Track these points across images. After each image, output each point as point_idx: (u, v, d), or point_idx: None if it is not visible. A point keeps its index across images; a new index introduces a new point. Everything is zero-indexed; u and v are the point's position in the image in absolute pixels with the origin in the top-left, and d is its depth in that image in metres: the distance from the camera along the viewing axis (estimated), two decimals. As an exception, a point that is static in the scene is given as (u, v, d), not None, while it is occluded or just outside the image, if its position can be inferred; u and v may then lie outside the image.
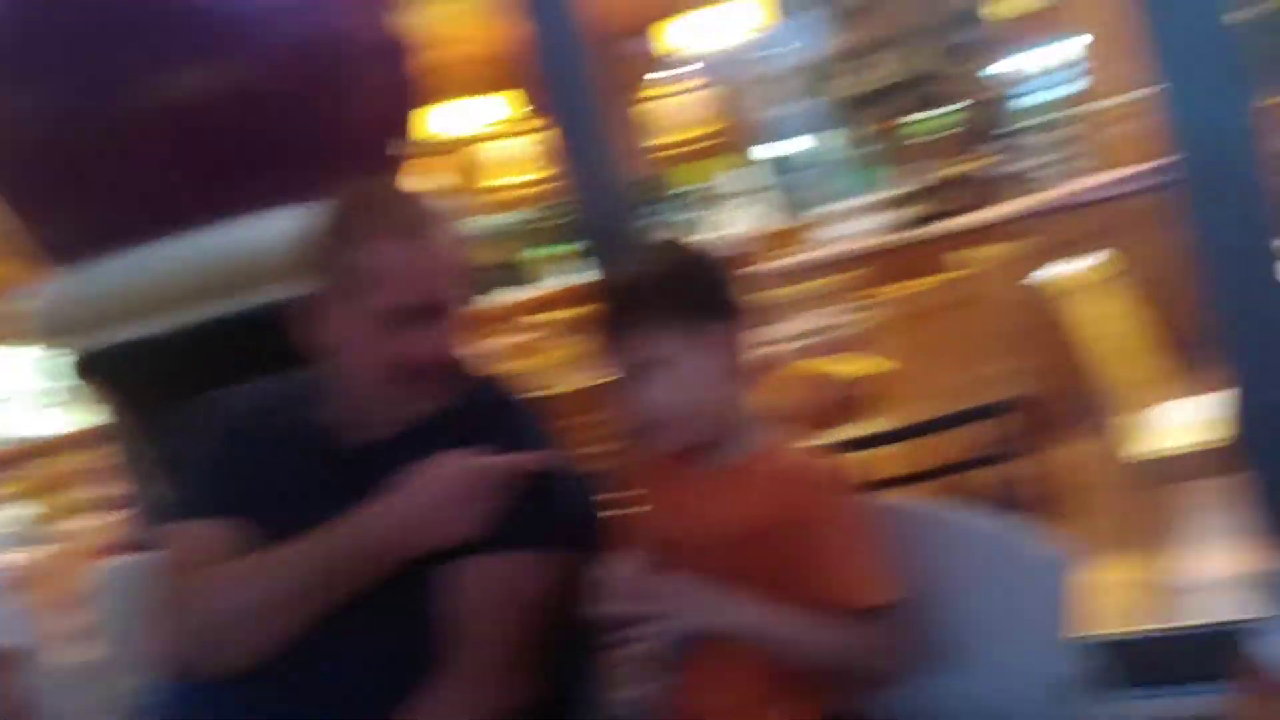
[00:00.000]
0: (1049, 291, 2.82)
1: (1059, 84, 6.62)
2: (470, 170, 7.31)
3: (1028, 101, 6.63)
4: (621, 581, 1.26)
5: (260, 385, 1.64)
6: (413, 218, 1.49)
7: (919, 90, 6.97)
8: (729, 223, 6.15)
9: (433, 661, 1.42)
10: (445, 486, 1.42)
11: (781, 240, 5.51)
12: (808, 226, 5.55)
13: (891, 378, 3.63)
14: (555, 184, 2.69)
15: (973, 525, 1.42)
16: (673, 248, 1.41)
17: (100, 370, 2.34)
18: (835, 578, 1.30)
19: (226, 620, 1.43)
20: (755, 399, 1.40)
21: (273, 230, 1.91)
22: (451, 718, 1.39)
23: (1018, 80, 6.85)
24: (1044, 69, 6.80)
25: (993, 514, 1.46)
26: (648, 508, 1.44)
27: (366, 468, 1.50)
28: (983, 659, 1.38)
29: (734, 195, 6.56)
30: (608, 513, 1.64)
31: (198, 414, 1.61)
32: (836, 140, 7.32)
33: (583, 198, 2.58)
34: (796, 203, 6.65)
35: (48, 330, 2.28)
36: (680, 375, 1.33)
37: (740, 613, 1.28)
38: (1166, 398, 3.14)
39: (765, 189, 6.84)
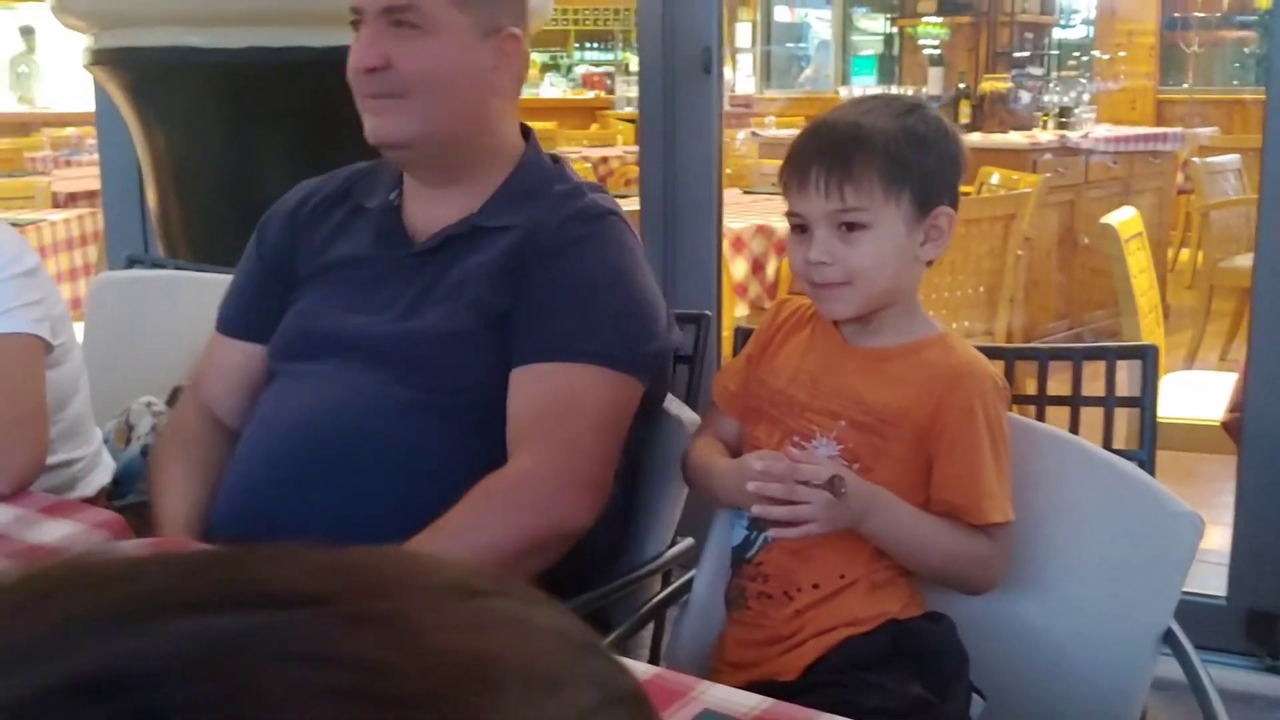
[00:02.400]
0: (1106, 235, 2.76)
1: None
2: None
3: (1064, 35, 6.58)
4: (785, 468, 1.19)
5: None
6: None
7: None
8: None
9: (493, 461, 1.35)
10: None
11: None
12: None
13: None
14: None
15: (1110, 463, 1.37)
16: (921, 110, 1.28)
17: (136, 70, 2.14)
18: (971, 487, 1.25)
19: None
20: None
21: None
22: (505, 517, 1.32)
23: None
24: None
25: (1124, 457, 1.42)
26: (774, 362, 1.35)
27: (437, 255, 1.45)
28: (1076, 594, 1.35)
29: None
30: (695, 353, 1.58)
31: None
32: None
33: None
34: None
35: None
36: (880, 245, 1.23)
37: (876, 523, 1.22)
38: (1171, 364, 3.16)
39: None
